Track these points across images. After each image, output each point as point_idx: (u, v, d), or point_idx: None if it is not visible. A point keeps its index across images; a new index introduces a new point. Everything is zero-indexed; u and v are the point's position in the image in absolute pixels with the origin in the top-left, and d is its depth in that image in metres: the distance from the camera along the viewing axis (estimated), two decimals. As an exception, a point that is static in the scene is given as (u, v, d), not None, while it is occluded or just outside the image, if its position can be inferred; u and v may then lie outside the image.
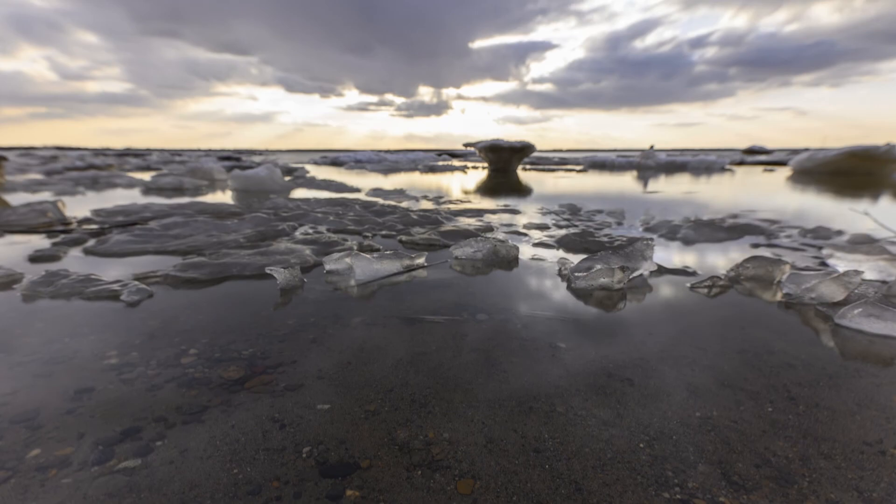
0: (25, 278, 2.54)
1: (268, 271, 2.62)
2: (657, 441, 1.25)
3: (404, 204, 6.57)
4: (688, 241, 3.94)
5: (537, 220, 5.12)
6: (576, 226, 4.69)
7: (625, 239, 3.87)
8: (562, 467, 1.15)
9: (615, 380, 1.57)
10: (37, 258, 3.28)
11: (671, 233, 4.22)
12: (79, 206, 6.02)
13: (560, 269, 2.91)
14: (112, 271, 2.92)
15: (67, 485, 1.09)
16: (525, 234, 4.25)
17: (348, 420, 1.34)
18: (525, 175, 14.81)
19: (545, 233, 4.33)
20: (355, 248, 3.68)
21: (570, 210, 5.90)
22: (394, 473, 1.13)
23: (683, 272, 2.95)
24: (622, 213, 5.46)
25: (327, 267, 2.89)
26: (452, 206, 6.35)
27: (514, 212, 5.84)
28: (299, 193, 8.30)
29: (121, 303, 2.31)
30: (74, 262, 3.22)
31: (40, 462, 1.16)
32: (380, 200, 6.89)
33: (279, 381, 1.55)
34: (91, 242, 3.74)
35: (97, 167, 16.37)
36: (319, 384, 1.53)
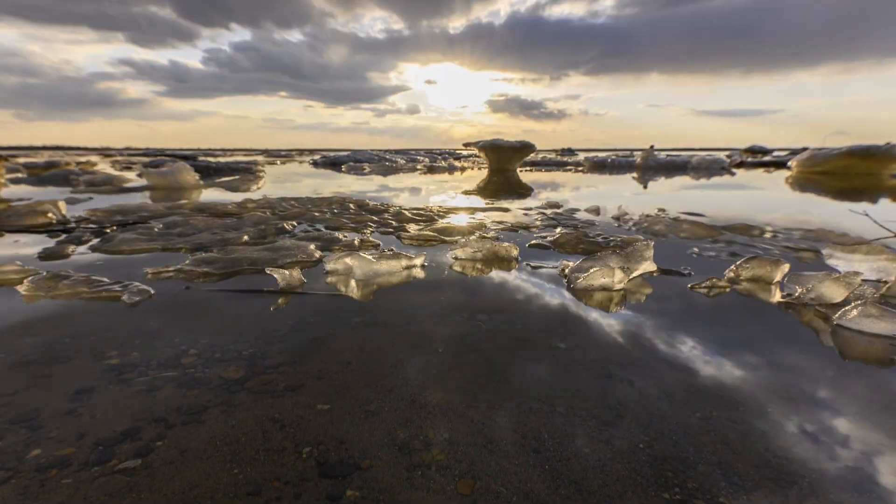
0: (28, 278, 2.54)
1: (267, 272, 2.62)
2: (657, 441, 1.25)
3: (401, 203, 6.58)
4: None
5: (534, 218, 5.12)
6: (566, 225, 4.71)
7: (619, 239, 3.87)
8: (562, 467, 1.15)
9: (615, 381, 1.58)
10: (46, 256, 3.30)
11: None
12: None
13: (560, 270, 2.91)
14: (122, 267, 2.97)
15: (67, 485, 1.09)
16: (522, 233, 4.25)
17: (348, 420, 1.34)
18: (526, 175, 14.81)
19: (541, 232, 4.33)
20: (357, 242, 3.70)
21: (553, 206, 6.40)
22: (394, 473, 1.13)
23: (678, 272, 2.95)
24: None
25: (327, 267, 2.89)
26: (451, 206, 6.35)
27: (511, 211, 5.84)
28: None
29: (122, 303, 2.31)
30: (83, 258, 3.24)
31: (40, 462, 1.16)
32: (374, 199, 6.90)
33: (279, 381, 1.55)
34: (95, 241, 3.75)
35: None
36: (319, 384, 1.54)
